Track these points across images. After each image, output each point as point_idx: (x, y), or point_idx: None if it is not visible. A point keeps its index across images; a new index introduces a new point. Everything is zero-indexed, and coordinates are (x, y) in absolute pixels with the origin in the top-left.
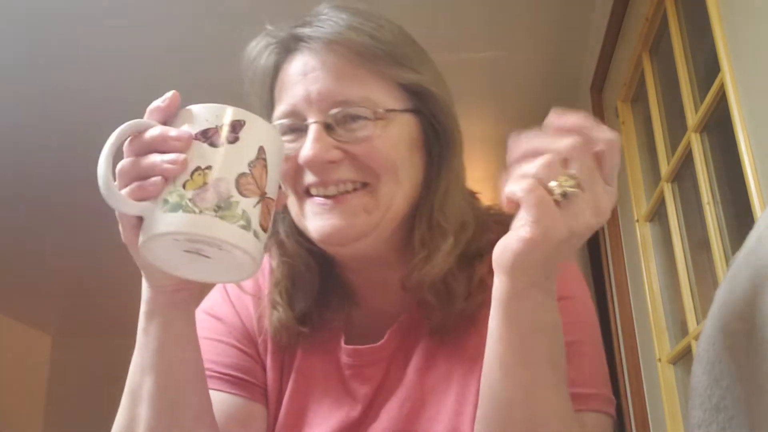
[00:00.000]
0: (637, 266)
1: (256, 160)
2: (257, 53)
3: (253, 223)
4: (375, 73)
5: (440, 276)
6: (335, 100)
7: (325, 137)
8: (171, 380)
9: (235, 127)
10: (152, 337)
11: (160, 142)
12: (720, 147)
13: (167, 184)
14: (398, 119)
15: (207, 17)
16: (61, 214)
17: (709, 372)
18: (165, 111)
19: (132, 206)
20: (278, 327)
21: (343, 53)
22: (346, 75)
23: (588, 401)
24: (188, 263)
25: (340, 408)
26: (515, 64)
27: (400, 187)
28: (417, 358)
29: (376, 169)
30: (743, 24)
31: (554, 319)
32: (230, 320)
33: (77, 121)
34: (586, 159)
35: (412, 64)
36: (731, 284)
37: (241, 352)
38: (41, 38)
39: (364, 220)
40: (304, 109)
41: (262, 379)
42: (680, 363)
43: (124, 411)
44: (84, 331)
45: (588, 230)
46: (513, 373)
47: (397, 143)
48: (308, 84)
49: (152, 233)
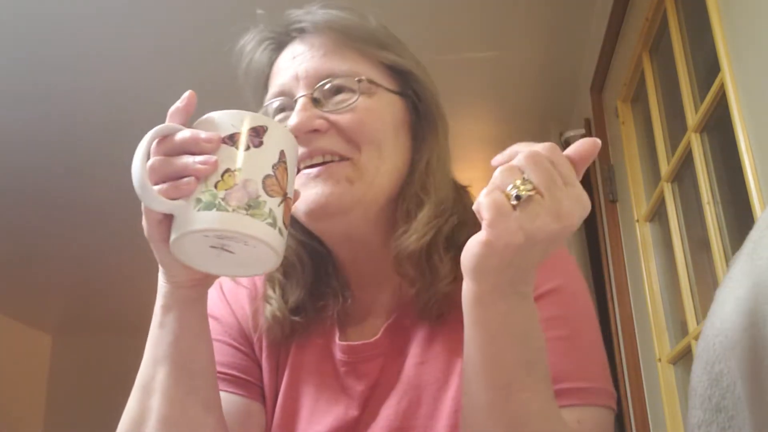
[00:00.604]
0: (637, 266)
1: (279, 162)
2: (251, 49)
3: (279, 221)
4: (360, 52)
5: (420, 248)
6: (320, 74)
7: (310, 108)
8: (184, 372)
9: (259, 132)
10: (168, 330)
11: (192, 144)
12: (720, 147)
13: (198, 184)
14: (383, 96)
15: (208, 17)
16: (61, 214)
17: (709, 372)
18: (185, 111)
19: (166, 204)
20: (272, 322)
21: (329, 34)
22: (331, 52)
23: (584, 395)
24: (211, 258)
25: (336, 406)
26: (515, 64)
27: (383, 162)
28: (413, 354)
29: (360, 141)
30: (743, 24)
31: (525, 323)
32: (227, 320)
33: (77, 121)
34: (540, 165)
35: (396, 49)
36: (731, 284)
37: (238, 350)
38: (41, 39)
39: (346, 189)
40: (293, 87)
41: (259, 377)
42: (680, 363)
43: (134, 403)
44: (84, 331)
45: (550, 236)
46: (485, 376)
47: (381, 117)
48: (296, 65)
49: (188, 230)
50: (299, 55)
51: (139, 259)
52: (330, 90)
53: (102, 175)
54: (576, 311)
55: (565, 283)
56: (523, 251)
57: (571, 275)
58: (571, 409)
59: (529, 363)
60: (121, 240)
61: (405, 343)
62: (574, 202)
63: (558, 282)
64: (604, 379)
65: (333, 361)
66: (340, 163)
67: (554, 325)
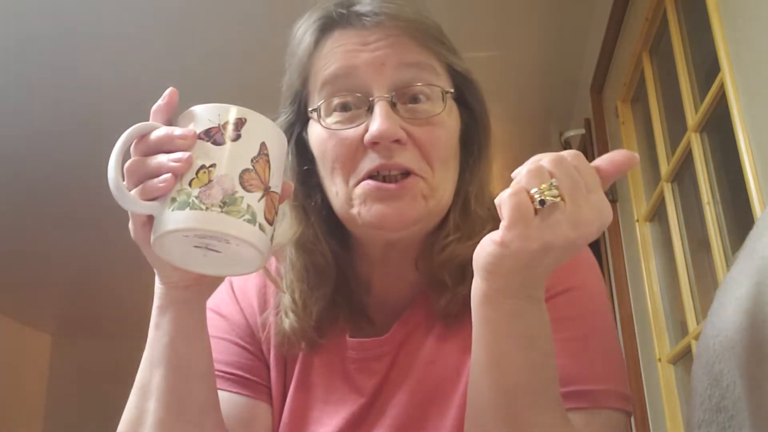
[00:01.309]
0: (637, 266)
1: (259, 155)
2: (303, 31)
3: (258, 217)
4: (436, 54)
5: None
6: (400, 74)
7: (392, 115)
8: (180, 374)
9: (237, 125)
10: (163, 331)
11: (166, 142)
12: (720, 147)
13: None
14: (452, 106)
15: (212, 18)
16: (61, 215)
17: (709, 372)
18: (166, 108)
19: (142, 206)
20: (289, 333)
21: (406, 29)
22: (410, 50)
23: (594, 398)
24: (199, 258)
25: (345, 404)
26: (515, 64)
27: (449, 179)
28: (425, 351)
29: (434, 159)
30: (743, 24)
31: (533, 325)
32: (235, 318)
33: (78, 121)
34: (567, 170)
35: (456, 51)
36: (731, 284)
37: (245, 350)
38: (42, 40)
39: (422, 206)
40: (368, 79)
41: (266, 377)
42: (680, 363)
43: (132, 405)
44: (84, 331)
45: (566, 244)
46: (490, 376)
47: (453, 133)
48: (371, 52)
49: (162, 231)
50: (372, 42)
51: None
52: (408, 96)
53: (102, 175)
54: (591, 312)
55: (582, 284)
56: (537, 257)
57: (589, 276)
58: (580, 412)
59: (536, 365)
60: (121, 240)
61: (417, 340)
62: (594, 211)
63: (575, 282)
64: (618, 381)
65: (343, 359)
66: (416, 178)
67: (568, 325)
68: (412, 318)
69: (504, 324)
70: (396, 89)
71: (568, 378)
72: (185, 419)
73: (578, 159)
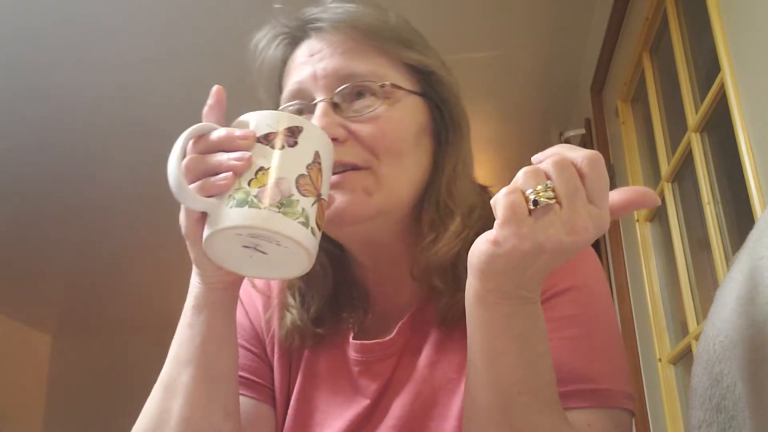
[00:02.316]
0: (637, 266)
1: (313, 163)
2: (265, 44)
3: (311, 221)
4: (382, 51)
5: (448, 259)
6: (341, 75)
7: (331, 114)
8: (208, 376)
9: (294, 132)
10: (196, 331)
11: (227, 142)
12: (720, 147)
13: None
14: (405, 100)
15: (212, 19)
16: (62, 214)
17: (709, 372)
18: (217, 107)
19: (201, 201)
20: (290, 329)
21: (349, 32)
22: (351, 51)
23: (596, 397)
24: (244, 259)
25: (349, 407)
26: (515, 64)
27: (404, 173)
28: (427, 353)
29: (380, 151)
30: (743, 24)
31: (527, 326)
32: (240, 321)
33: (79, 123)
34: (566, 174)
35: (418, 47)
36: (731, 284)
37: (250, 353)
38: (43, 41)
39: (363, 200)
40: (311, 87)
41: (270, 380)
42: (680, 363)
43: (155, 403)
44: (84, 331)
45: (558, 247)
46: (485, 377)
47: (403, 125)
48: (314, 63)
49: (219, 227)
50: (317, 52)
51: (139, 260)
52: (351, 93)
53: (102, 176)
54: (593, 311)
55: (584, 282)
56: (529, 258)
57: (591, 274)
58: (581, 411)
59: (531, 366)
60: (121, 241)
61: (419, 342)
62: (592, 220)
63: (578, 281)
64: (620, 380)
65: (347, 361)
66: (359, 173)
67: (569, 323)
68: (414, 320)
69: (498, 325)
70: (337, 90)
71: (571, 377)
72: (209, 421)
73: (592, 166)
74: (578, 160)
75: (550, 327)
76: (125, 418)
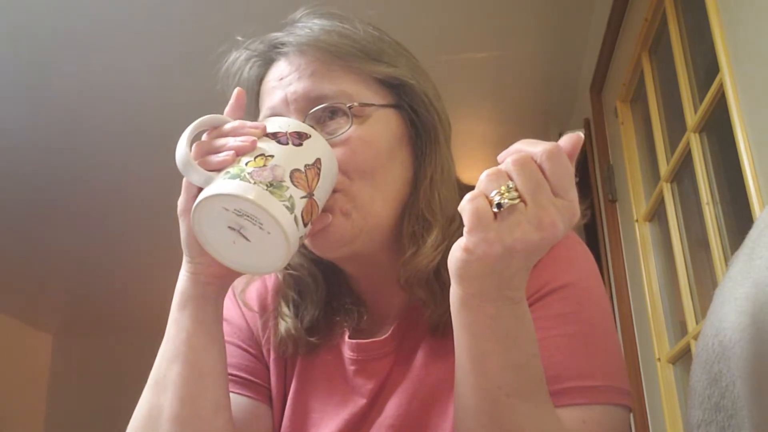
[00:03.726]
0: (636, 266)
1: (312, 165)
2: (238, 67)
3: (296, 209)
4: (349, 69)
5: (429, 271)
6: (311, 97)
7: None
8: (196, 371)
9: (301, 135)
10: (181, 327)
11: (239, 129)
12: (719, 147)
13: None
14: (377, 115)
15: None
16: (62, 214)
17: (708, 371)
18: (237, 106)
19: (200, 173)
20: (285, 337)
21: (314, 54)
22: (318, 73)
23: (590, 394)
24: (228, 245)
25: (345, 405)
26: (515, 64)
27: (378, 191)
28: (423, 352)
29: (352, 173)
30: (743, 24)
31: (513, 326)
32: (236, 321)
33: (79, 125)
34: (527, 171)
35: (387, 58)
36: (730, 284)
37: (247, 352)
38: (44, 45)
39: (342, 222)
40: (284, 112)
41: (266, 379)
42: (680, 363)
43: (146, 400)
44: (85, 331)
45: (529, 246)
46: (472, 379)
47: (374, 145)
48: (284, 87)
49: (208, 194)
50: (286, 76)
51: (139, 260)
52: (323, 114)
53: (102, 178)
54: (588, 308)
55: (578, 280)
56: (502, 261)
57: (585, 272)
58: (576, 408)
59: (519, 367)
60: (121, 241)
61: (415, 342)
62: (558, 213)
63: (571, 278)
64: (616, 377)
65: (342, 361)
66: (334, 196)
67: (564, 321)
68: (410, 321)
69: (482, 327)
70: (310, 113)
71: (566, 374)
72: (199, 415)
73: (550, 157)
74: (538, 156)
75: (546, 324)
76: (126, 418)
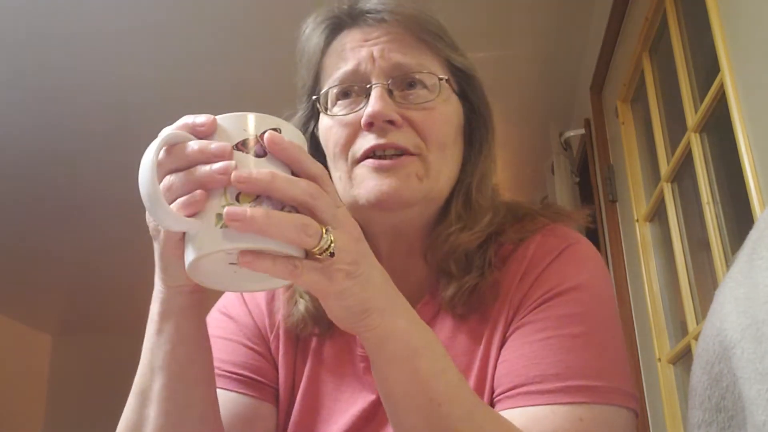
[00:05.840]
0: (636, 266)
1: None
2: (313, 28)
3: None
4: (433, 48)
5: (470, 247)
6: (399, 65)
7: (387, 98)
8: (181, 382)
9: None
10: (165, 338)
11: (200, 156)
12: (720, 147)
13: (215, 198)
14: (453, 98)
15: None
16: (62, 216)
17: (708, 372)
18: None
19: (184, 222)
20: (304, 315)
21: (405, 24)
22: (407, 43)
23: (590, 393)
24: (229, 275)
25: (355, 401)
26: (515, 64)
27: (446, 165)
28: None
29: (430, 140)
30: (743, 24)
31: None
32: (243, 320)
33: (79, 125)
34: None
35: (460, 50)
36: (731, 284)
37: (253, 351)
38: (45, 48)
39: (417, 185)
40: (367, 70)
41: (272, 378)
42: (680, 363)
43: (131, 411)
44: (84, 331)
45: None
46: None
47: (450, 120)
48: (370, 47)
49: (211, 249)
50: (373, 39)
51: (139, 259)
52: (402, 83)
53: (102, 178)
54: (595, 311)
55: (586, 281)
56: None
57: (594, 273)
58: (574, 407)
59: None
60: (120, 241)
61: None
62: None
63: (580, 280)
64: (619, 379)
65: (353, 356)
66: (411, 158)
67: (570, 322)
68: (421, 313)
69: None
70: (392, 77)
71: (567, 373)
72: (185, 427)
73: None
74: None
75: (552, 324)
76: None
